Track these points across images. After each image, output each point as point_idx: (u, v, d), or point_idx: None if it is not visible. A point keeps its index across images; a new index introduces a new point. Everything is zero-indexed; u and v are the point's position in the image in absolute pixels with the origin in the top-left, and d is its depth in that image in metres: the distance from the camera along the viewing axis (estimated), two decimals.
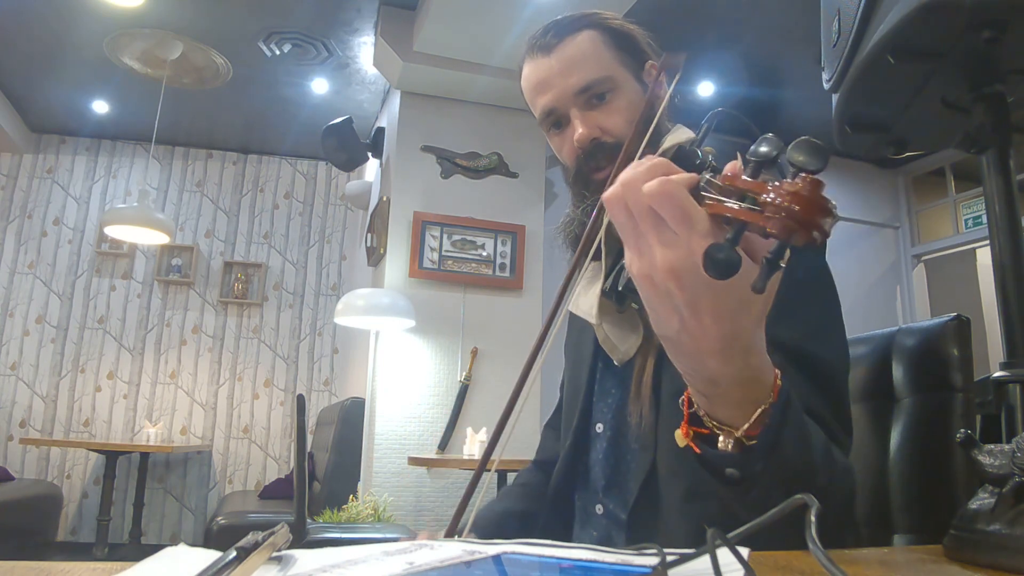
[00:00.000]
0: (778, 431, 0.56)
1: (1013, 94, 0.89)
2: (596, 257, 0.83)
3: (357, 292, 3.45)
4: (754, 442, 0.55)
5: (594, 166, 0.88)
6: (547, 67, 0.90)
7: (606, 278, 0.79)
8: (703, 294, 0.49)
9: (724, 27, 3.68)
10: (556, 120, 0.92)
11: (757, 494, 0.57)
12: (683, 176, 0.49)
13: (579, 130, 0.88)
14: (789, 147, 0.42)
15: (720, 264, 0.42)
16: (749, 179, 0.44)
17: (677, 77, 0.76)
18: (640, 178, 0.49)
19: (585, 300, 0.89)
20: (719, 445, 0.56)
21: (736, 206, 0.44)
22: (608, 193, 0.51)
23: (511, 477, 2.68)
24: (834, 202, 0.41)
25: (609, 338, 0.87)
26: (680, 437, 0.59)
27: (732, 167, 0.46)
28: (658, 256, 0.49)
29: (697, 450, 0.58)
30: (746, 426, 0.55)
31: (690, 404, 0.59)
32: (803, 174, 0.41)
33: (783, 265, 0.41)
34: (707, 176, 0.47)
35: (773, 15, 3.56)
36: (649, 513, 0.79)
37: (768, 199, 0.42)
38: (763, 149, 0.45)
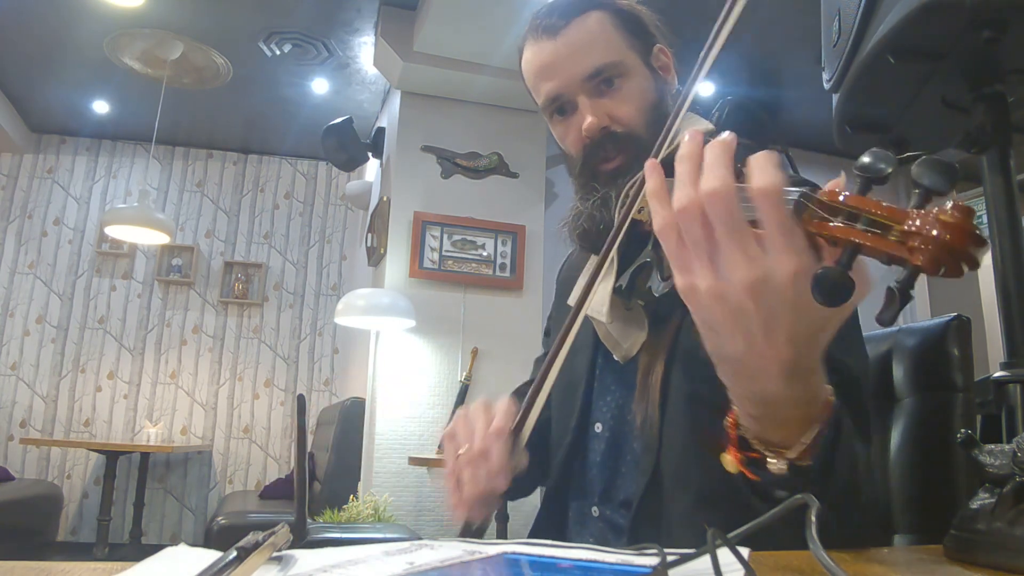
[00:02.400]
0: (831, 451, 0.53)
1: (1013, 94, 0.89)
2: (608, 255, 0.82)
3: (357, 292, 3.45)
4: (808, 463, 0.52)
5: (603, 156, 0.84)
6: (553, 51, 0.84)
7: (618, 275, 0.77)
8: (781, 314, 0.45)
9: None
10: (561, 107, 0.87)
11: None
12: (778, 179, 0.44)
13: (588, 119, 0.83)
14: (914, 165, 0.39)
15: (831, 288, 0.39)
16: (862, 197, 0.40)
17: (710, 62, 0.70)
18: (732, 186, 0.45)
19: (592, 296, 0.87)
20: (771, 469, 0.53)
21: (847, 226, 0.40)
22: (683, 205, 0.47)
23: None
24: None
25: (611, 334, 0.84)
26: (731, 463, 0.55)
27: (833, 184, 0.43)
28: (740, 272, 0.45)
29: (754, 477, 0.53)
30: (801, 449, 0.52)
31: (736, 427, 0.55)
32: (952, 203, 0.38)
33: (913, 295, 0.39)
34: (805, 190, 0.43)
35: (773, 15, 3.56)
36: (652, 518, 0.77)
37: (912, 227, 0.38)
38: (869, 161, 0.41)
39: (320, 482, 3.79)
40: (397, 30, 3.71)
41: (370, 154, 4.37)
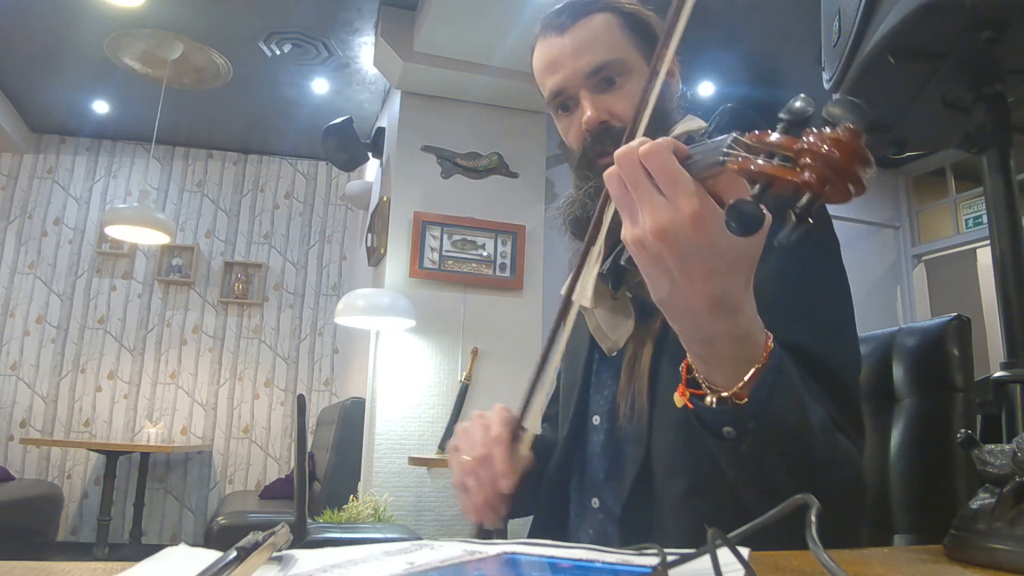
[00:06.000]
0: (770, 389, 0.58)
1: (1013, 94, 0.89)
2: (594, 240, 0.82)
3: (357, 292, 3.45)
4: (745, 400, 0.58)
5: (600, 150, 0.87)
6: (559, 47, 0.88)
7: (604, 260, 0.79)
8: (692, 255, 0.51)
9: (724, 27, 3.68)
10: (564, 102, 0.91)
11: (748, 450, 0.59)
12: (668, 139, 0.52)
13: (587, 112, 0.86)
14: (828, 105, 0.42)
15: (743, 218, 0.42)
16: (781, 136, 0.43)
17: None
18: (634, 149, 0.52)
19: (579, 284, 0.88)
20: (706, 402, 0.59)
21: (764, 163, 0.43)
22: (607, 172, 0.55)
23: None
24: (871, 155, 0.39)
25: (600, 326, 0.86)
26: (677, 398, 0.61)
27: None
28: (649, 220, 0.51)
29: (691, 406, 0.60)
30: (739, 385, 0.57)
31: (689, 370, 0.61)
32: (844, 123, 0.40)
33: (812, 221, 0.41)
34: (734, 135, 0.46)
35: (773, 15, 3.56)
36: (643, 509, 0.79)
37: (803, 147, 0.40)
38: (797, 105, 0.44)
39: (320, 482, 3.79)
40: (397, 30, 3.71)
41: (370, 154, 4.37)
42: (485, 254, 3.89)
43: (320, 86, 4.46)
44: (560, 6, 0.91)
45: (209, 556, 0.48)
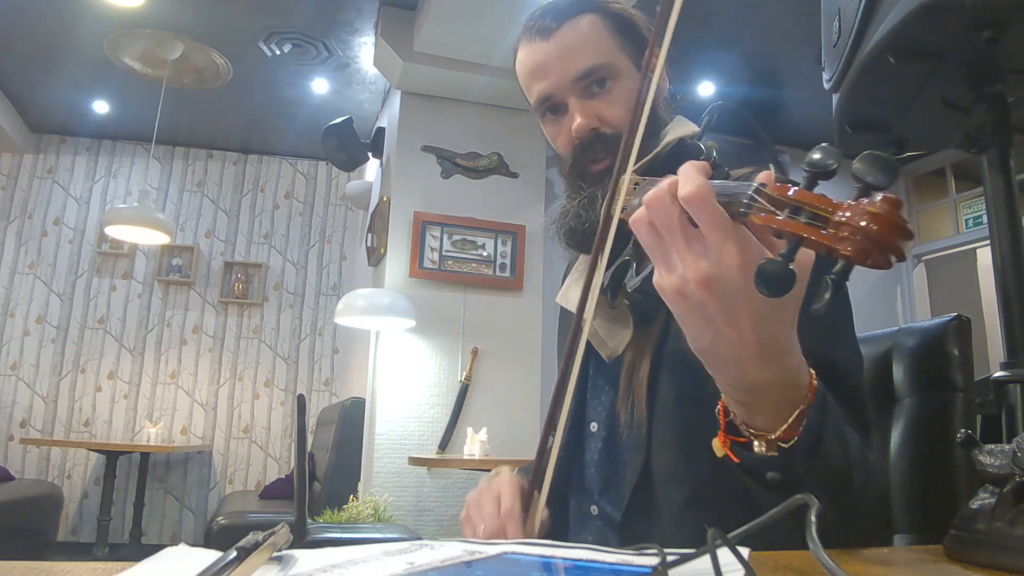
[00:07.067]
0: (819, 430, 0.55)
1: (1013, 94, 0.89)
2: (598, 258, 0.82)
3: (357, 292, 3.45)
4: (794, 442, 0.55)
5: (592, 157, 0.85)
6: (545, 52, 0.86)
7: (604, 271, 0.78)
8: (738, 302, 0.48)
9: (724, 27, 3.68)
10: (552, 107, 0.88)
11: (793, 491, 0.57)
12: (703, 179, 0.49)
13: (577, 120, 0.84)
14: (855, 161, 0.40)
15: (772, 280, 0.41)
16: (806, 191, 0.42)
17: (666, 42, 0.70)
18: (666, 192, 0.49)
19: (576, 293, 0.87)
20: (755, 449, 0.56)
21: (792, 219, 0.42)
22: (634, 216, 0.52)
23: None
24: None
25: (598, 333, 0.85)
26: (718, 447, 0.58)
27: (768, 176, 0.46)
28: (690, 269, 0.48)
29: (736, 459, 0.57)
30: (784, 427, 0.54)
31: (726, 413, 0.58)
32: (882, 194, 0.39)
33: (847, 287, 0.41)
34: (755, 186, 0.45)
35: (773, 15, 3.56)
36: (643, 516, 0.78)
37: (842, 218, 0.40)
38: (819, 158, 0.43)
39: (320, 482, 3.79)
40: (397, 30, 3.71)
41: (370, 154, 4.37)
42: (485, 254, 3.89)
43: (320, 86, 4.46)
44: (543, 7, 0.88)
45: (209, 556, 0.48)
